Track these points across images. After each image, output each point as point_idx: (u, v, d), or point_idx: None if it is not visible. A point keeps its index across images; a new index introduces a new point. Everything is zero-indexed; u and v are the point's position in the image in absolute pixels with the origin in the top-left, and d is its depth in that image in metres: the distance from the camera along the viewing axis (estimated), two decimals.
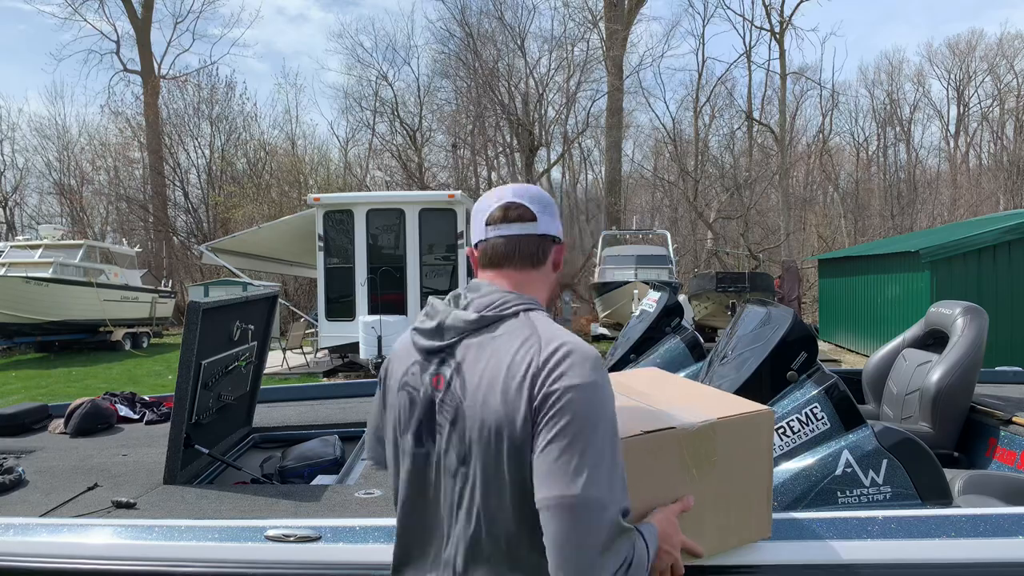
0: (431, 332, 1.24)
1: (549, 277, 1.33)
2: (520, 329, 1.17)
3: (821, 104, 32.62)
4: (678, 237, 27.80)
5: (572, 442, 1.05)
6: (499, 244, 1.29)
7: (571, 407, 1.07)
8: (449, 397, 1.17)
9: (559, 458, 1.05)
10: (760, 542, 1.68)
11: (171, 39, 31.83)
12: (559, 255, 1.35)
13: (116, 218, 31.97)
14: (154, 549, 1.83)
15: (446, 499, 1.18)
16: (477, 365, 1.16)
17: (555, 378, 1.09)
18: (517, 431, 1.09)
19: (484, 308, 1.21)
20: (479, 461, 1.13)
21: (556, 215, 1.34)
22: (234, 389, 2.96)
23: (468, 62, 25.37)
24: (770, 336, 2.10)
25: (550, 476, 1.05)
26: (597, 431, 1.07)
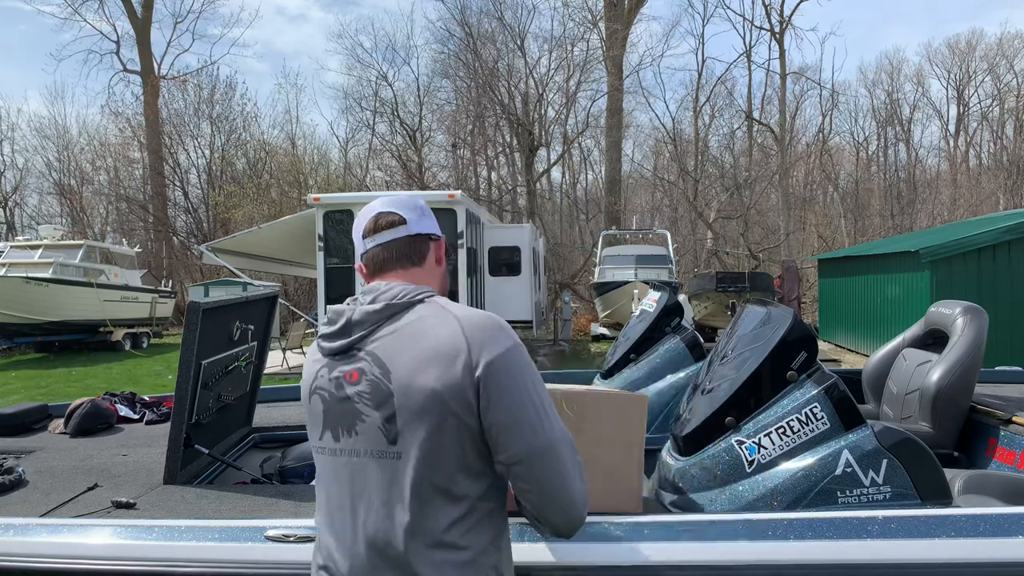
0: (337, 333, 1.30)
1: (434, 272, 1.41)
2: (434, 312, 1.25)
3: (821, 104, 32.65)
4: (678, 237, 27.80)
5: (524, 398, 1.19)
6: (377, 252, 1.37)
7: (511, 369, 1.19)
8: (369, 385, 1.23)
9: (520, 413, 1.18)
10: (760, 542, 1.69)
11: (171, 39, 31.87)
12: (440, 250, 1.44)
13: (116, 218, 31.99)
14: (154, 549, 1.83)
15: (371, 484, 1.23)
16: (397, 348, 1.22)
17: (488, 348, 1.19)
18: (461, 404, 1.17)
19: (391, 299, 1.28)
20: (415, 439, 1.19)
21: (429, 215, 1.43)
22: (234, 389, 2.96)
23: (468, 62, 25.37)
24: (770, 336, 2.10)
25: (518, 430, 1.18)
26: (535, 381, 1.22)
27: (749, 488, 1.91)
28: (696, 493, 1.98)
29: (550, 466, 1.18)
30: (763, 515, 1.76)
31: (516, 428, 1.18)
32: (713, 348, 2.59)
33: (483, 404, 1.18)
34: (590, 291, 20.66)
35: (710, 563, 1.69)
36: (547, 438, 1.18)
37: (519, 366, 1.21)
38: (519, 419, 1.18)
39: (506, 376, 1.18)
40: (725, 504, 1.91)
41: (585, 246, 26.51)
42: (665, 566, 1.70)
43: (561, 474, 1.19)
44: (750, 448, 1.95)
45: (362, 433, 1.24)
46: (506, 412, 1.17)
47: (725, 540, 1.71)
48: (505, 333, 1.22)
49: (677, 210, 31.56)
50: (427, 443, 1.18)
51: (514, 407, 1.18)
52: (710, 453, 2.01)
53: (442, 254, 1.44)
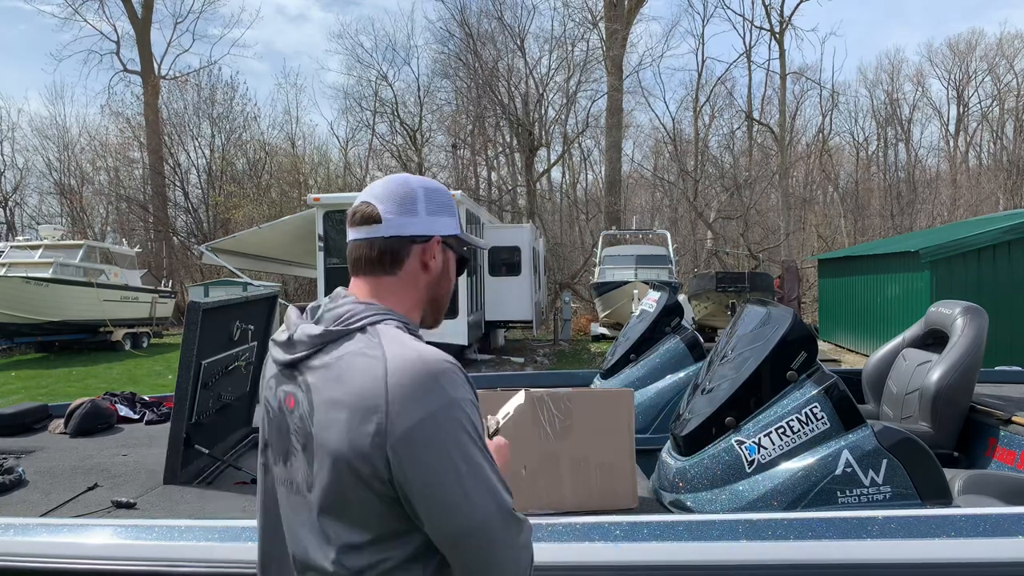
0: (284, 345, 1.15)
1: (415, 281, 1.20)
2: (366, 349, 1.06)
3: (821, 104, 32.64)
4: (678, 237, 27.79)
5: (445, 473, 1.00)
6: (352, 249, 1.20)
7: (432, 438, 1.01)
8: (299, 420, 1.09)
9: (439, 490, 1.00)
10: (760, 542, 1.69)
11: (171, 39, 31.84)
12: (427, 254, 1.20)
13: (116, 218, 31.99)
14: (154, 549, 1.83)
15: (291, 521, 1.13)
16: (323, 388, 1.06)
17: (409, 410, 1.00)
18: (369, 470, 1.01)
19: (332, 321, 1.11)
20: (326, 493, 1.05)
21: (420, 211, 1.19)
22: (234, 389, 2.96)
23: (468, 62, 25.38)
24: (770, 336, 2.10)
25: (437, 511, 1.01)
26: (465, 448, 1.02)
27: (749, 488, 1.91)
28: (696, 493, 1.98)
29: (476, 551, 1.02)
30: (763, 515, 1.76)
31: (434, 508, 1.00)
32: (713, 348, 2.59)
33: (397, 477, 1.00)
34: (590, 291, 20.67)
35: (710, 563, 1.68)
36: (472, 519, 1.00)
37: (444, 432, 1.01)
38: (437, 498, 1.00)
39: (424, 447, 1.00)
40: (725, 504, 1.91)
41: (585, 246, 26.51)
42: (665, 566, 1.70)
43: (488, 560, 1.02)
44: (750, 448, 1.95)
45: (293, 466, 1.11)
46: (422, 490, 1.00)
47: (725, 540, 1.71)
48: (437, 387, 1.02)
49: (677, 210, 31.56)
50: (336, 501, 1.04)
51: (432, 484, 1.00)
52: (710, 453, 2.01)
53: (430, 258, 1.21)
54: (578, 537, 1.72)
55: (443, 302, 1.27)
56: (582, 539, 1.71)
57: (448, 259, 1.25)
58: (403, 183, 1.21)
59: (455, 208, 1.27)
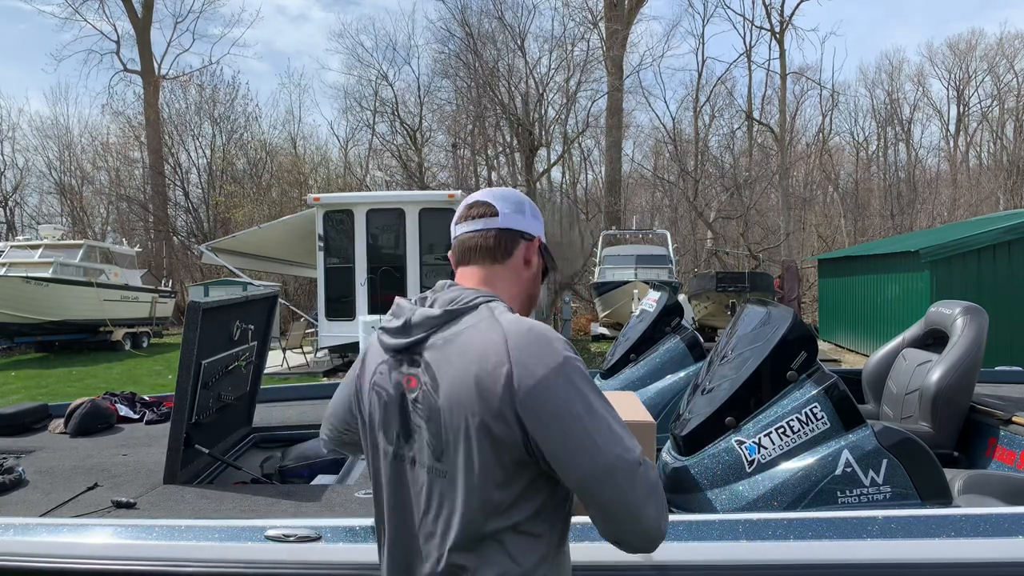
0: (397, 331, 1.25)
1: (519, 273, 1.33)
2: (482, 322, 1.18)
3: (821, 104, 32.64)
4: (678, 237, 27.79)
5: (571, 422, 1.10)
6: (463, 240, 1.33)
7: (556, 391, 1.11)
8: (423, 396, 1.18)
9: (569, 440, 1.10)
10: (760, 542, 1.69)
11: (171, 39, 31.85)
12: (529, 252, 1.35)
13: (116, 218, 31.98)
14: (154, 549, 1.83)
15: (423, 495, 1.20)
16: (446, 361, 1.17)
17: (533, 368, 1.11)
18: (503, 427, 1.11)
19: (448, 303, 1.22)
20: (458, 457, 1.14)
21: (527, 213, 1.35)
22: (234, 389, 2.96)
23: (468, 62, 25.36)
24: (770, 336, 2.10)
25: (568, 457, 1.10)
26: (586, 399, 1.12)
27: (749, 488, 1.91)
28: (696, 493, 1.98)
29: (609, 492, 1.10)
30: (763, 515, 1.76)
31: (566, 455, 1.10)
32: (713, 348, 2.59)
33: (530, 429, 1.10)
34: (590, 291, 20.66)
35: (710, 563, 1.69)
36: (601, 463, 1.09)
37: (566, 386, 1.11)
38: (568, 446, 1.10)
39: (551, 399, 1.10)
40: (725, 504, 1.91)
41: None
42: (665, 566, 1.70)
43: (622, 499, 1.10)
44: (750, 448, 1.95)
45: (417, 442, 1.20)
46: (553, 439, 1.10)
47: (725, 540, 1.71)
48: (552, 348, 1.14)
49: (677, 210, 31.54)
50: (471, 464, 1.13)
51: (561, 433, 1.10)
52: (710, 453, 2.01)
53: (533, 256, 1.34)
54: (577, 537, 1.72)
55: (535, 301, 1.39)
56: (581, 539, 1.71)
57: (540, 264, 1.38)
58: (513, 192, 1.38)
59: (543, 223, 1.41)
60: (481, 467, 1.13)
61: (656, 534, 1.14)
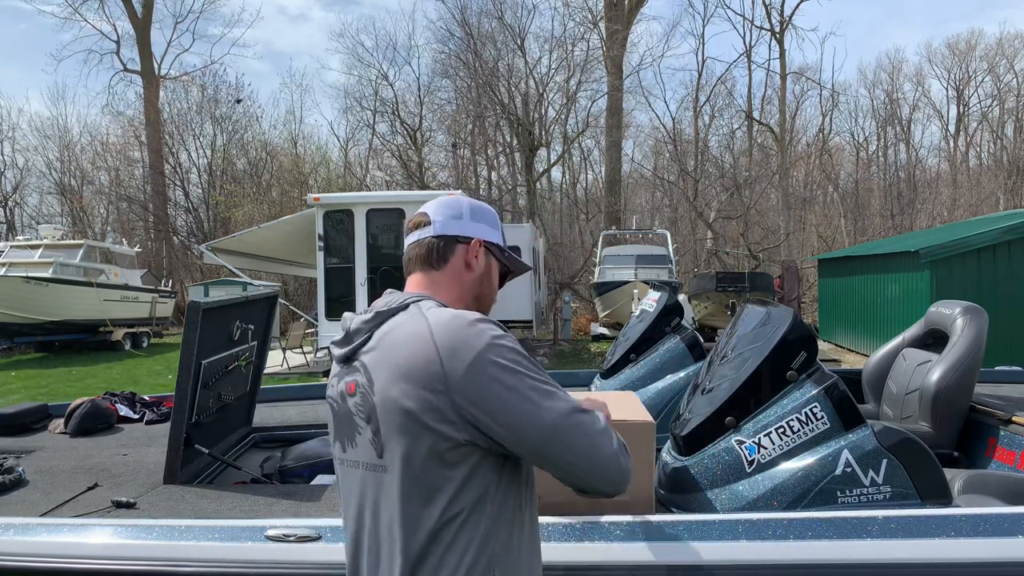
0: (341, 341, 1.31)
1: (459, 278, 1.36)
2: (410, 319, 1.22)
3: (821, 104, 32.64)
4: (678, 237, 27.79)
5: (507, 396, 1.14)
6: (406, 252, 1.40)
7: (487, 371, 1.14)
8: (360, 399, 1.23)
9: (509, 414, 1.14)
10: (760, 542, 1.69)
11: (171, 39, 31.86)
12: (469, 254, 1.37)
13: (116, 218, 31.98)
14: (154, 549, 1.83)
15: (371, 496, 1.23)
16: (379, 359, 1.21)
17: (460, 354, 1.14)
18: (436, 417, 1.14)
19: (381, 307, 1.28)
20: (397, 453, 1.17)
21: (466, 217, 1.38)
22: (234, 389, 2.96)
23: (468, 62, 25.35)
24: (770, 336, 2.10)
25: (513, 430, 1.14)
26: (516, 370, 1.16)
27: (749, 488, 1.91)
28: (696, 493, 1.98)
29: (559, 451, 1.15)
30: (763, 515, 1.76)
31: (510, 428, 1.14)
32: (713, 348, 2.59)
33: (467, 414, 1.14)
34: (590, 291, 20.66)
35: (710, 563, 1.69)
36: (544, 427, 1.14)
37: (496, 364, 1.15)
38: (509, 420, 1.14)
39: (483, 380, 1.14)
40: (725, 504, 1.91)
41: (585, 246, 26.50)
42: (665, 566, 1.70)
43: (573, 452, 1.15)
44: (750, 448, 1.95)
45: (360, 445, 1.24)
46: (493, 416, 1.14)
47: (725, 540, 1.71)
48: (476, 330, 1.17)
49: (677, 210, 31.53)
50: (408, 457, 1.16)
51: (501, 409, 1.14)
52: (710, 453, 2.01)
53: (473, 258, 1.36)
54: (577, 537, 1.72)
55: (487, 301, 1.41)
56: (581, 539, 1.71)
57: (491, 264, 1.41)
58: (453, 199, 1.41)
59: (499, 224, 1.44)
60: (420, 457, 1.16)
61: (617, 475, 1.18)
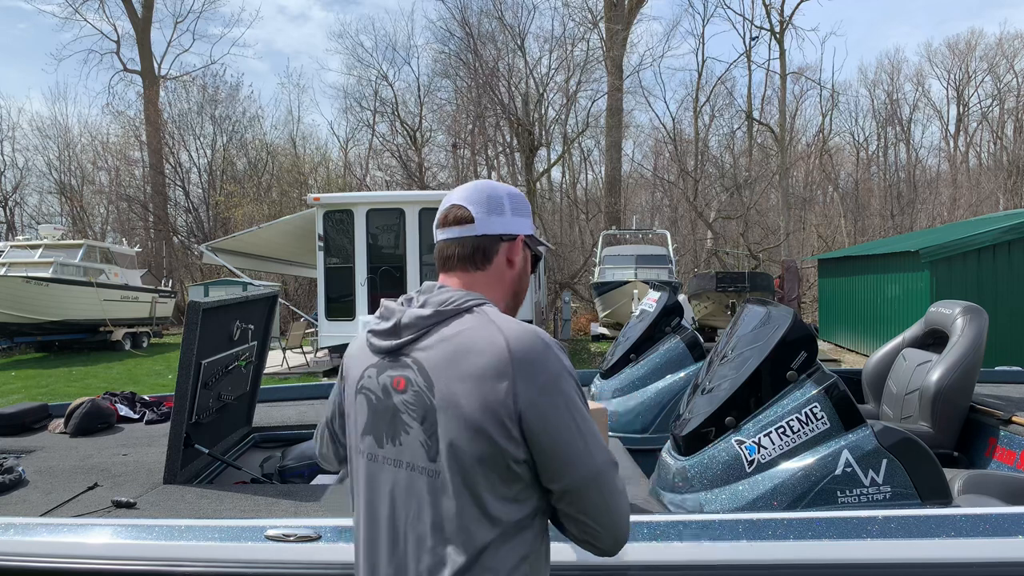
0: (387, 332, 1.25)
1: (503, 275, 1.33)
2: (480, 327, 1.18)
3: (821, 104, 32.69)
4: (678, 237, 27.79)
5: (569, 427, 1.14)
6: (443, 248, 1.33)
7: (556, 399, 1.14)
8: (412, 398, 1.19)
9: (566, 445, 1.14)
10: (760, 542, 1.68)
11: (171, 39, 31.89)
12: (512, 251, 1.33)
13: (116, 218, 31.98)
14: (154, 549, 1.83)
15: (412, 497, 1.19)
16: (443, 362, 1.17)
17: (534, 376, 1.13)
18: (501, 431, 1.12)
19: (439, 304, 1.22)
20: (454, 460, 1.14)
21: (507, 211, 1.32)
22: (234, 389, 2.96)
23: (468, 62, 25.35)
24: (770, 336, 2.10)
25: (564, 462, 1.14)
26: (579, 407, 1.17)
27: (749, 488, 1.91)
28: (696, 493, 1.98)
29: (597, 494, 1.16)
30: (763, 515, 1.76)
31: (562, 460, 1.14)
32: (713, 348, 2.59)
33: (527, 434, 1.13)
34: (590, 291, 20.66)
35: (710, 563, 1.69)
36: (592, 467, 1.15)
37: (565, 394, 1.15)
38: (565, 451, 1.14)
39: (551, 407, 1.13)
40: (725, 504, 1.91)
41: (585, 246, 26.52)
42: (665, 566, 1.70)
43: (608, 501, 1.16)
44: (750, 448, 1.95)
45: (406, 444, 1.20)
46: (551, 444, 1.14)
47: (725, 540, 1.71)
48: (552, 356, 1.16)
49: (677, 210, 31.54)
50: (466, 465, 1.14)
51: (559, 439, 1.14)
52: (710, 453, 2.01)
53: (515, 255, 1.34)
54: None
55: (523, 296, 1.39)
56: None
57: (527, 256, 1.38)
58: (491, 188, 1.34)
59: (530, 210, 1.39)
60: (476, 469, 1.13)
61: (626, 532, 1.21)
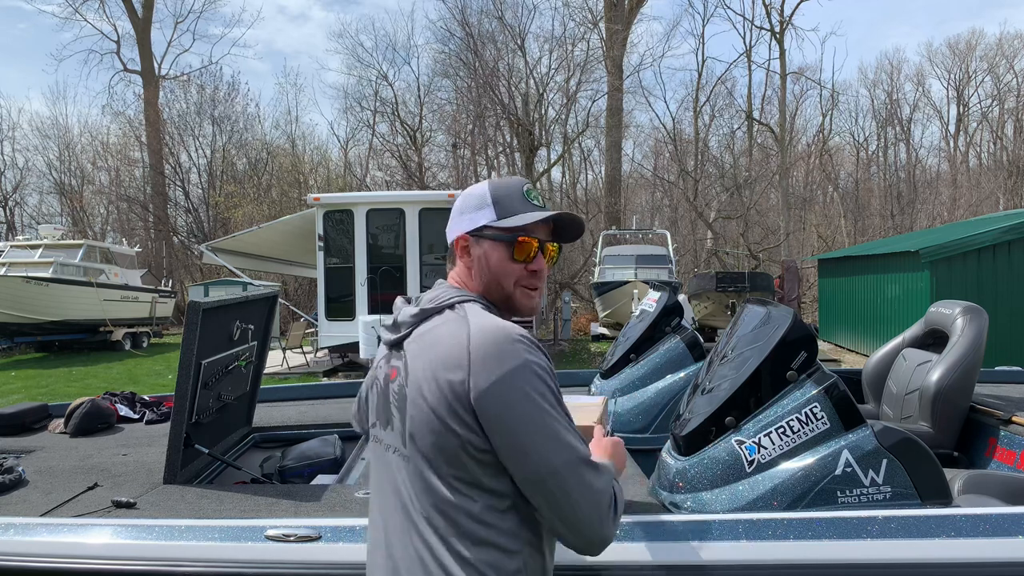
0: (390, 327, 1.38)
1: (468, 272, 1.38)
2: (452, 321, 1.26)
3: (821, 104, 32.68)
4: (678, 237, 27.80)
5: (523, 423, 1.16)
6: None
7: (510, 394, 1.16)
8: (397, 388, 1.28)
9: (519, 439, 1.16)
10: (760, 542, 1.69)
11: (171, 39, 31.89)
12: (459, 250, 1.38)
13: (116, 218, 31.99)
14: (154, 549, 1.83)
15: (396, 480, 1.27)
16: (418, 356, 1.25)
17: (488, 369, 1.16)
18: (458, 422, 1.17)
19: (426, 302, 1.33)
20: (421, 447, 1.21)
21: (453, 215, 1.41)
22: (234, 389, 2.96)
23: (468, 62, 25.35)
24: (770, 336, 2.10)
25: (517, 456, 1.16)
26: (539, 402, 1.17)
27: (749, 488, 1.90)
28: (696, 493, 1.98)
29: (552, 493, 1.16)
30: (763, 515, 1.76)
31: (514, 454, 1.16)
32: (713, 348, 2.59)
33: (484, 424, 1.16)
34: (590, 291, 20.67)
35: (710, 563, 1.69)
36: (545, 465, 1.15)
37: (523, 388, 1.16)
38: (516, 446, 1.15)
39: (503, 401, 1.15)
40: (725, 504, 1.91)
41: (585, 246, 26.52)
42: (664, 566, 1.70)
43: (564, 500, 1.16)
44: (750, 448, 1.95)
45: (394, 430, 1.29)
46: (507, 436, 1.16)
47: (725, 540, 1.71)
48: (512, 349, 1.17)
49: (677, 210, 31.54)
50: (430, 453, 1.20)
51: (516, 430, 1.15)
52: (710, 453, 2.01)
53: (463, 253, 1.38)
54: None
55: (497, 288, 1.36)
56: None
57: (486, 250, 1.35)
58: (469, 190, 1.41)
59: (486, 202, 1.36)
60: (437, 456, 1.20)
61: (596, 540, 1.20)
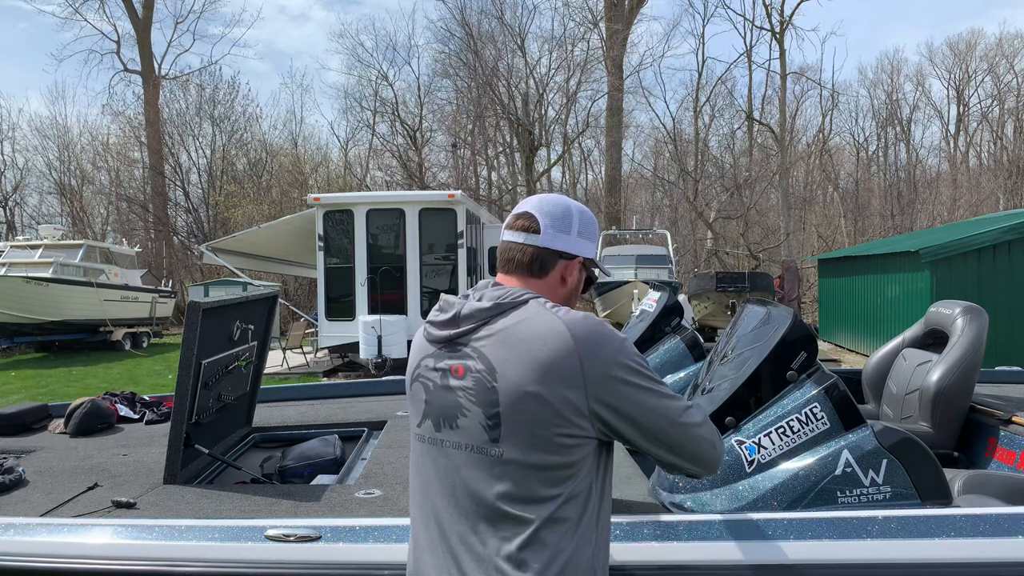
0: (446, 323, 1.32)
1: (554, 290, 1.39)
2: (536, 313, 1.26)
3: (821, 104, 32.66)
4: (678, 237, 27.80)
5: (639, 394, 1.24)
6: (504, 250, 1.41)
7: (622, 372, 1.23)
8: (472, 383, 1.25)
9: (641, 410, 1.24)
10: (760, 542, 1.69)
11: (171, 39, 31.87)
12: (568, 271, 1.40)
13: (116, 218, 31.98)
14: (154, 549, 1.83)
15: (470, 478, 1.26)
16: (504, 349, 1.24)
17: (598, 355, 1.22)
18: (567, 407, 1.20)
19: (498, 298, 1.30)
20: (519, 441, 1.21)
21: (573, 231, 1.39)
22: (234, 389, 2.96)
23: (468, 62, 25.36)
24: (770, 336, 2.10)
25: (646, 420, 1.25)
26: (642, 370, 1.25)
27: (749, 488, 1.91)
28: (696, 493, 1.98)
29: (676, 439, 1.27)
30: (763, 515, 1.76)
31: (644, 419, 1.24)
32: (713, 348, 2.59)
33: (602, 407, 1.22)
34: (590, 291, 20.65)
35: (710, 563, 1.69)
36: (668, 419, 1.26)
37: (628, 366, 1.24)
38: (643, 412, 1.24)
39: (618, 380, 1.22)
40: (725, 504, 1.91)
41: None
42: (665, 566, 1.70)
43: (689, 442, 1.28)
44: (750, 448, 1.95)
45: (463, 427, 1.27)
46: (629, 409, 1.23)
47: (725, 540, 1.71)
48: (608, 332, 1.25)
49: (677, 210, 31.54)
50: (530, 447, 1.21)
51: (635, 403, 1.23)
52: None
53: (570, 274, 1.41)
54: None
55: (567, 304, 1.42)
56: None
57: (581, 278, 1.45)
58: (564, 205, 1.41)
59: (597, 234, 1.46)
60: (540, 446, 1.21)
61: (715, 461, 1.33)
